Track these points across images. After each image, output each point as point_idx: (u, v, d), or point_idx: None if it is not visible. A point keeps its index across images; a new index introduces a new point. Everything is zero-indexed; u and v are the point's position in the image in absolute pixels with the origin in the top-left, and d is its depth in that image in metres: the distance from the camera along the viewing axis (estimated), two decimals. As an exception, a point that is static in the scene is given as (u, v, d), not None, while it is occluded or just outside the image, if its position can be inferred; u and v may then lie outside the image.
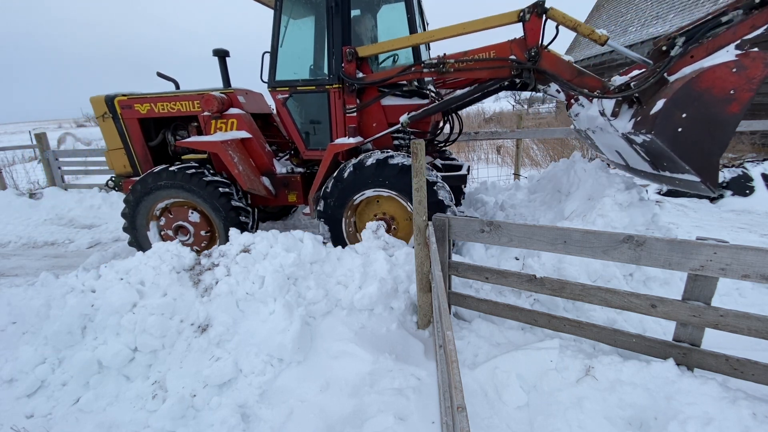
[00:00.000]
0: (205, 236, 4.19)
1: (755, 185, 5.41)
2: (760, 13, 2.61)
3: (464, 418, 1.11)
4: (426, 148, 4.33)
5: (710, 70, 2.55)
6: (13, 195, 7.42)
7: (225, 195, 3.97)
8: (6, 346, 2.84)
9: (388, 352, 2.58)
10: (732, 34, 2.67)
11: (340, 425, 2.14)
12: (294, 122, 4.17)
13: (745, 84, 2.54)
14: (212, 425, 2.19)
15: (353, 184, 3.60)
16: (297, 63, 4.15)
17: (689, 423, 1.75)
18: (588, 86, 3.29)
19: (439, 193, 3.41)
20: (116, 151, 4.60)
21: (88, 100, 4.54)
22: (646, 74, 2.95)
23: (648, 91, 2.90)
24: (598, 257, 2.18)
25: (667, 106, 2.60)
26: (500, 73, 3.52)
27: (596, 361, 2.20)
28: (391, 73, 3.76)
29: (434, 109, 3.79)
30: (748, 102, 2.57)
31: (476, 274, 2.71)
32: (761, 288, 3.16)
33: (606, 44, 3.29)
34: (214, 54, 4.32)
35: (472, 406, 2.17)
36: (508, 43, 3.45)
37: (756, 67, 2.51)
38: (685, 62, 2.79)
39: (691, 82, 2.58)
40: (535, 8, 3.22)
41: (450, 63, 3.54)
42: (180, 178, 3.92)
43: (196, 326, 2.76)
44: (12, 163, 11.10)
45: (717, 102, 2.58)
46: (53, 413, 2.42)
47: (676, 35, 2.80)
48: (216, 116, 4.10)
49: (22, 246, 5.83)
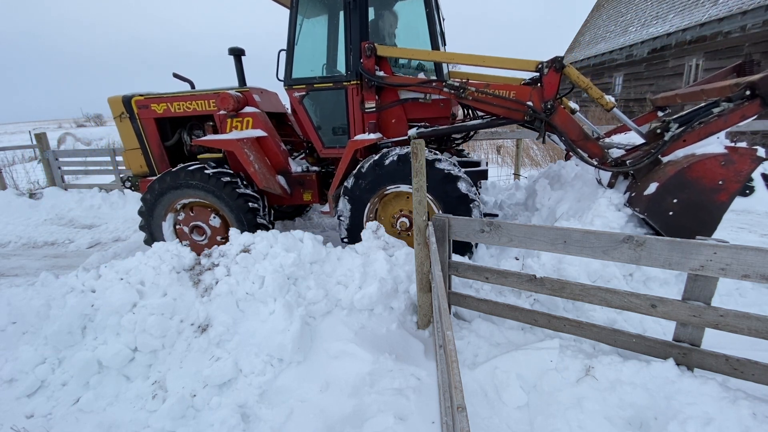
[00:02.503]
0: (221, 242, 4.16)
1: (755, 185, 5.41)
2: (750, 105, 2.77)
3: (464, 418, 1.11)
4: (444, 146, 4.35)
5: (701, 162, 2.75)
6: (13, 195, 7.42)
7: (242, 196, 3.93)
8: (6, 346, 2.84)
9: (388, 352, 2.58)
10: (723, 123, 2.85)
11: (340, 425, 2.14)
12: (311, 120, 4.14)
13: (733, 176, 2.76)
14: (212, 425, 2.19)
15: (375, 181, 3.58)
16: (313, 60, 4.14)
17: (689, 423, 1.75)
18: (589, 152, 3.44)
19: (463, 186, 3.39)
20: (133, 151, 4.59)
21: (106, 100, 4.54)
22: (642, 154, 3.15)
23: (642, 170, 3.09)
24: (598, 257, 2.18)
25: (660, 191, 2.83)
26: (514, 115, 3.59)
27: (596, 361, 2.20)
28: (411, 81, 3.78)
29: (443, 131, 3.85)
30: (736, 192, 2.79)
31: (476, 274, 2.71)
32: (761, 288, 3.16)
33: (611, 111, 3.51)
34: (230, 53, 4.31)
35: (472, 406, 2.17)
36: (530, 89, 3.52)
37: (743, 162, 2.74)
38: (678, 145, 2.96)
39: (683, 171, 2.79)
40: (553, 63, 3.34)
41: (470, 91, 3.59)
42: (199, 179, 3.90)
43: (196, 326, 2.76)
44: (12, 163, 11.10)
45: (707, 191, 2.80)
46: (53, 413, 2.42)
47: (671, 120, 3.00)
48: (232, 115, 4.09)
49: (22, 246, 5.83)
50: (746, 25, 9.30)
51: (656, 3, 14.13)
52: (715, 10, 10.34)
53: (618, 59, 15.35)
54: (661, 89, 12.61)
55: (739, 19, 9.50)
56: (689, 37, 11.34)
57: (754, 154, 2.72)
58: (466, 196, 3.39)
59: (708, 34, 10.59)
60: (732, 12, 9.57)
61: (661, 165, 3.02)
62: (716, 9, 10.33)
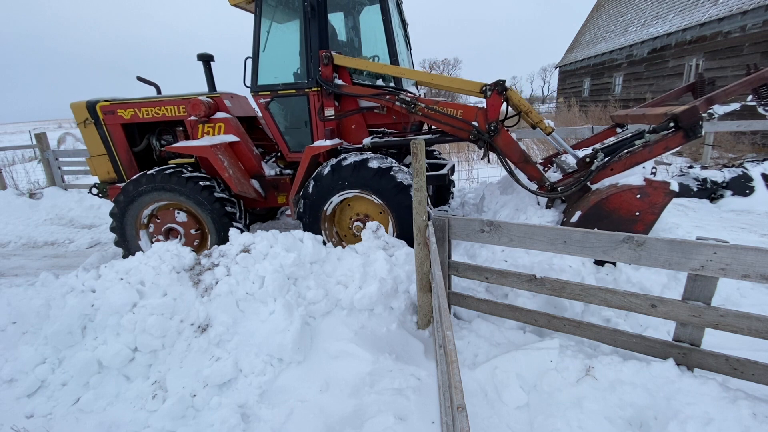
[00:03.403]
0: (196, 234, 4.16)
1: (755, 185, 5.41)
2: (674, 137, 2.90)
3: (464, 418, 1.11)
4: (405, 151, 4.41)
5: (618, 195, 2.92)
6: (13, 195, 7.42)
7: (207, 189, 3.94)
8: (6, 346, 2.84)
9: (388, 352, 2.58)
10: (648, 153, 3.00)
11: (340, 425, 2.14)
12: (277, 125, 4.22)
13: (649, 209, 2.92)
14: (212, 425, 2.19)
15: (331, 186, 3.66)
16: (277, 67, 4.18)
17: (689, 423, 1.75)
18: (528, 175, 3.57)
19: (398, 176, 3.51)
20: (99, 158, 4.54)
21: (69, 106, 4.45)
22: (572, 181, 3.30)
23: (573, 196, 3.28)
24: (598, 257, 2.18)
25: (581, 220, 3.01)
26: (460, 133, 3.71)
27: (596, 361, 2.20)
28: (366, 92, 3.88)
29: (396, 142, 3.97)
30: (652, 223, 2.96)
31: (476, 274, 2.71)
32: (761, 288, 3.16)
33: (550, 135, 3.70)
34: (199, 58, 4.31)
35: (472, 406, 2.17)
36: (476, 110, 3.64)
37: (657, 195, 2.88)
38: (606, 174, 3.12)
39: (602, 202, 2.97)
40: (495, 86, 3.45)
41: (420, 107, 3.71)
42: (175, 182, 3.90)
43: (196, 326, 2.75)
44: (12, 163, 11.10)
45: (624, 221, 2.96)
46: (53, 413, 2.42)
47: (599, 150, 3.16)
48: (203, 120, 4.11)
49: (22, 246, 5.83)
50: (746, 25, 9.31)
51: (656, 3, 14.13)
52: (715, 10, 10.34)
53: (618, 59, 15.35)
54: (660, 89, 12.62)
55: (739, 19, 9.51)
56: (689, 37, 11.34)
57: (668, 188, 2.87)
58: (400, 183, 3.49)
59: (708, 34, 10.60)
60: (732, 12, 9.58)
61: (588, 193, 3.17)
62: (716, 9, 10.34)
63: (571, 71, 20.31)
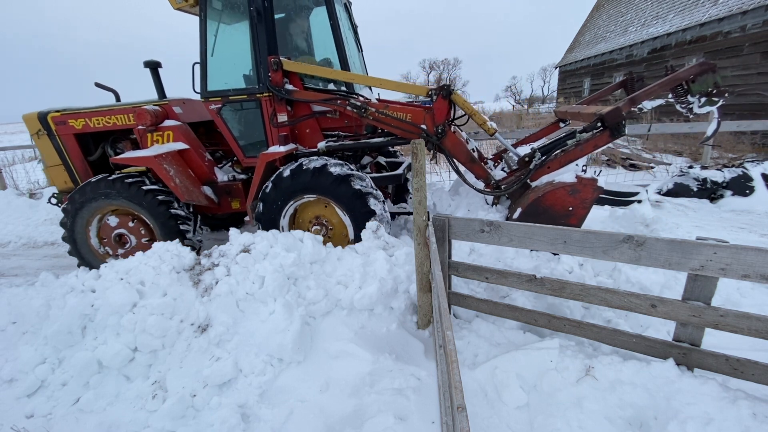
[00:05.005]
0: (147, 244, 4.11)
1: (755, 185, 5.41)
2: (601, 136, 3.15)
3: (464, 418, 1.11)
4: (362, 153, 4.40)
5: (552, 192, 3.13)
6: (13, 195, 7.42)
7: (164, 203, 3.93)
8: (6, 346, 2.85)
9: (388, 352, 2.58)
10: (580, 151, 3.24)
11: (340, 425, 2.14)
12: (230, 131, 4.17)
13: (580, 204, 3.14)
14: (212, 425, 2.19)
15: (289, 190, 3.65)
16: (227, 72, 4.11)
17: (689, 423, 1.75)
18: (475, 174, 3.74)
19: (355, 183, 3.53)
20: (55, 168, 4.51)
21: (21, 118, 4.42)
22: (514, 179, 3.50)
23: (515, 193, 3.48)
24: (598, 257, 2.18)
25: (521, 216, 3.21)
26: (410, 136, 3.76)
27: (596, 361, 2.20)
28: (317, 97, 3.89)
29: (350, 146, 4.00)
30: (583, 217, 3.19)
31: (476, 274, 2.71)
32: (761, 288, 3.16)
33: (493, 136, 3.85)
34: (146, 66, 4.24)
35: (472, 406, 2.17)
36: (424, 113, 3.73)
37: (587, 191, 3.08)
38: (544, 171, 3.33)
39: (538, 200, 3.17)
40: (441, 90, 3.60)
41: (371, 111, 3.76)
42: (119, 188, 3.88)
43: (196, 326, 2.76)
44: (12, 163, 11.10)
45: (559, 216, 3.17)
46: (53, 413, 2.42)
47: (537, 150, 3.36)
48: (151, 129, 4.08)
49: (22, 246, 5.84)
50: (746, 25, 9.31)
51: (656, 3, 14.14)
52: (715, 10, 10.35)
53: (618, 59, 15.36)
54: (661, 89, 12.58)
55: (739, 19, 9.51)
56: (689, 37, 11.35)
57: (595, 184, 3.08)
58: (359, 191, 3.51)
59: (708, 34, 10.60)
60: (732, 12, 9.58)
61: (528, 190, 3.34)
62: (716, 9, 10.34)
63: (571, 71, 20.32)
